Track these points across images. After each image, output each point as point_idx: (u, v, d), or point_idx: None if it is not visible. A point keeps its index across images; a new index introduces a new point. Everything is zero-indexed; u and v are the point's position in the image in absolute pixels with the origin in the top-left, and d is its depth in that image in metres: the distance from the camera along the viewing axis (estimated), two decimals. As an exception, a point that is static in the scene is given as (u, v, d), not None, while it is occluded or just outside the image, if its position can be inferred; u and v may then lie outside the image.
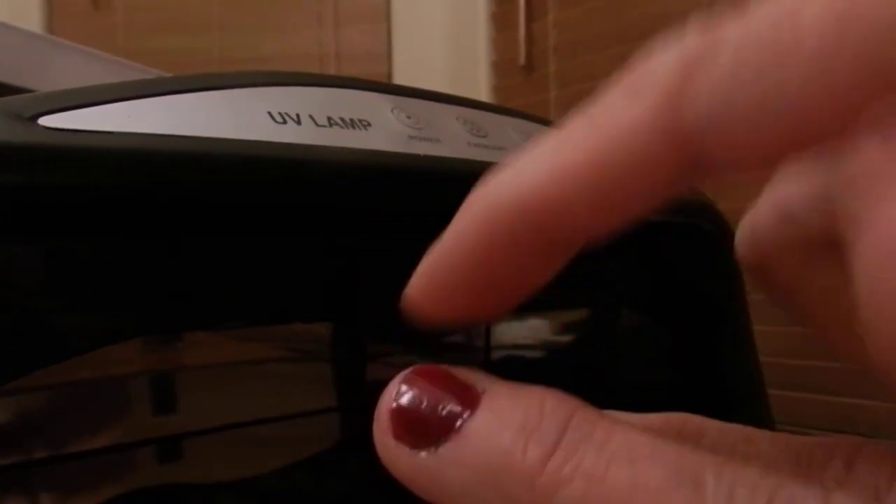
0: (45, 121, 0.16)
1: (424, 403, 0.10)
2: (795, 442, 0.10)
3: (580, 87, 1.19)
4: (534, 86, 1.26)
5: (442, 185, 0.23)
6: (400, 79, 1.30)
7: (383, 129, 0.22)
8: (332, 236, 0.25)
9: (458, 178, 0.24)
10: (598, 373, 0.47)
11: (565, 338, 0.47)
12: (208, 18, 1.31)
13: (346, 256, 0.26)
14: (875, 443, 0.09)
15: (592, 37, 1.17)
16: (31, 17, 1.29)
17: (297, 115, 0.21)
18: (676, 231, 0.37)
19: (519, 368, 0.45)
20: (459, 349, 0.43)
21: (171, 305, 0.21)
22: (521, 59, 1.27)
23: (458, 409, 0.10)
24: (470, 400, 0.10)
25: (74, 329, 0.19)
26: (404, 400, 0.10)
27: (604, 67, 1.15)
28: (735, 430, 0.11)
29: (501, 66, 1.32)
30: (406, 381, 0.10)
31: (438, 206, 0.25)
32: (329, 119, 0.21)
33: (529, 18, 1.27)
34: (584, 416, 0.10)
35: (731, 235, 0.42)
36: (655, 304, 0.41)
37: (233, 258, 0.22)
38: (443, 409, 0.10)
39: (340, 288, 0.26)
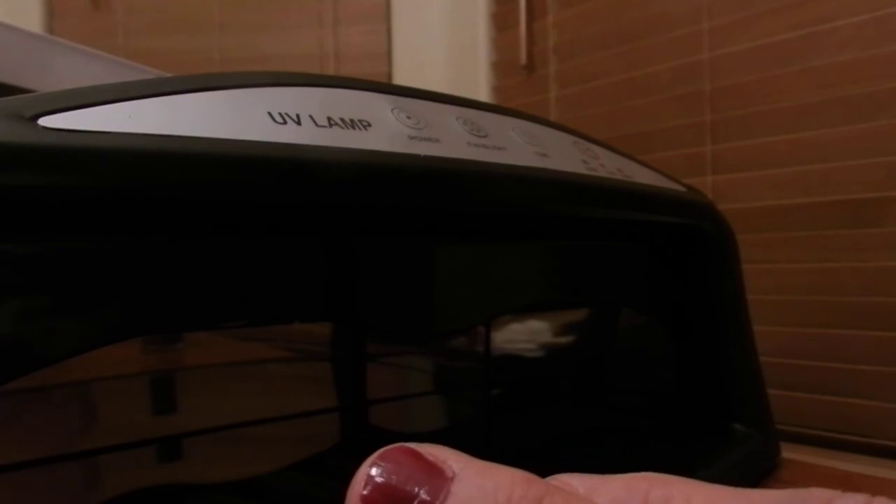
0: (45, 121, 0.16)
1: (393, 493, 0.10)
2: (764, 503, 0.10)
3: (580, 87, 1.19)
4: (534, 86, 1.26)
5: (442, 185, 0.23)
6: (400, 79, 1.30)
7: (383, 130, 0.22)
8: (331, 236, 0.25)
9: (458, 178, 0.24)
10: (597, 373, 0.46)
11: (565, 338, 0.47)
12: (208, 18, 1.31)
13: (346, 256, 0.26)
14: (846, 496, 0.09)
15: (592, 37, 1.17)
16: (31, 17, 1.29)
17: (297, 116, 0.21)
18: (677, 231, 0.38)
19: (519, 369, 0.45)
20: (460, 351, 0.43)
21: (170, 305, 0.21)
22: (522, 59, 1.27)
23: (427, 498, 0.10)
24: (440, 487, 0.10)
25: (74, 329, 0.19)
26: (373, 489, 0.10)
27: (604, 67, 1.15)
28: (700, 496, 0.11)
29: (501, 66, 1.32)
30: (375, 466, 0.10)
31: (438, 206, 0.25)
32: (329, 119, 0.21)
33: (530, 18, 1.27)
34: None
35: (732, 235, 0.42)
36: (655, 303, 0.41)
37: (233, 258, 0.22)
38: (412, 499, 0.10)
39: (340, 288, 0.26)
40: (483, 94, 1.32)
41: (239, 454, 0.31)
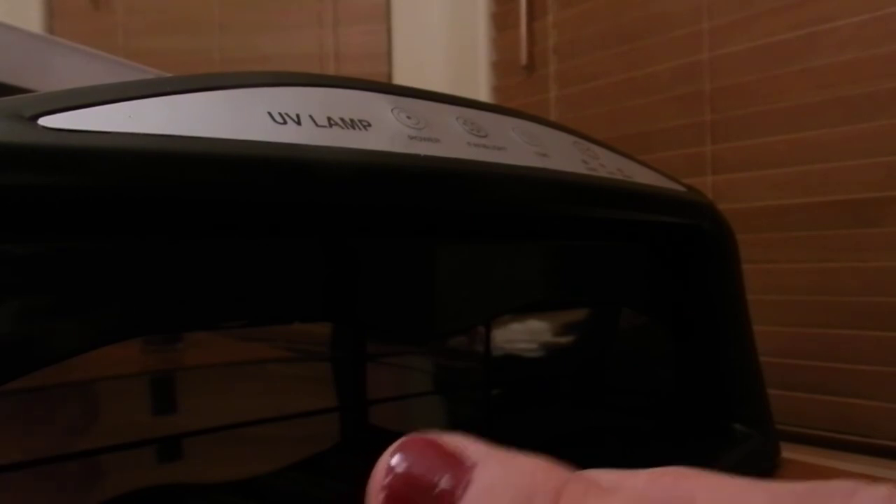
0: (45, 121, 0.16)
1: (415, 482, 0.10)
2: (789, 497, 0.10)
3: (580, 87, 1.19)
4: (534, 86, 1.26)
5: (442, 185, 0.23)
6: (400, 79, 1.30)
7: (383, 130, 0.22)
8: (331, 236, 0.25)
9: (458, 178, 0.24)
10: (597, 373, 0.46)
11: (565, 338, 0.47)
12: (208, 18, 1.31)
13: (346, 256, 0.26)
14: (870, 488, 0.09)
15: (592, 37, 1.17)
16: (31, 18, 1.29)
17: (297, 116, 0.21)
18: (677, 231, 0.38)
19: (519, 369, 0.45)
20: (460, 351, 0.43)
21: (170, 305, 0.21)
22: (523, 59, 1.27)
23: (449, 487, 0.10)
24: (461, 476, 0.10)
25: (74, 329, 0.19)
26: (395, 478, 0.10)
27: (604, 67, 1.15)
28: (726, 491, 0.11)
29: (501, 67, 1.32)
30: (396, 455, 0.10)
31: (438, 206, 0.25)
32: (329, 119, 0.21)
33: (530, 18, 1.27)
34: (573, 493, 0.10)
35: (732, 235, 0.41)
36: (655, 303, 0.41)
37: (232, 258, 0.22)
38: (434, 488, 0.10)
39: (340, 288, 0.26)
40: (483, 94, 1.32)
41: (239, 454, 0.31)
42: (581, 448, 0.39)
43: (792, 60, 0.93)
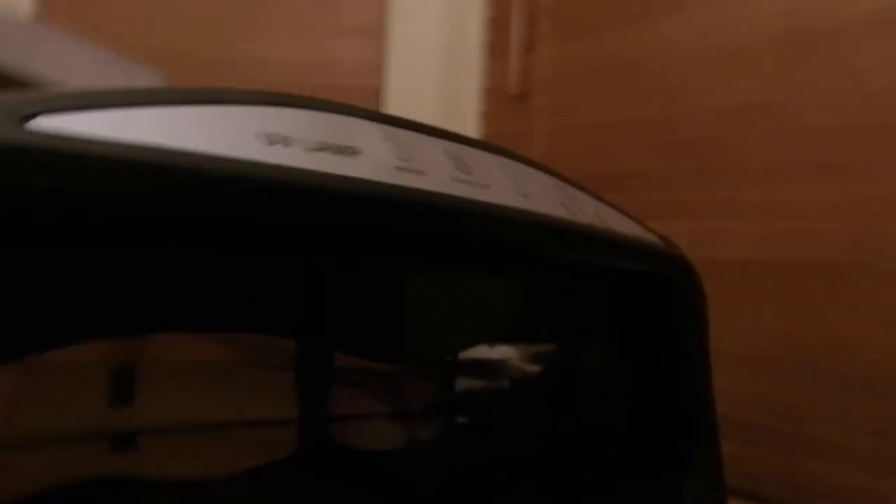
0: (34, 123, 0.16)
1: None
2: None
3: (567, 121, 1.20)
4: (523, 116, 1.28)
5: (423, 218, 0.24)
6: (392, 94, 1.31)
7: (371, 158, 0.23)
8: (305, 257, 0.25)
9: (439, 212, 0.24)
10: (563, 406, 0.47)
11: (532, 369, 0.48)
12: (206, 20, 1.31)
13: (318, 278, 0.26)
14: None
15: (583, 73, 1.19)
16: (24, 9, 1.28)
17: (287, 138, 0.21)
18: (646, 280, 0.38)
19: (484, 397, 0.45)
20: (426, 379, 0.43)
21: (146, 312, 0.21)
22: (514, 89, 1.28)
23: None
24: None
25: (47, 330, 0.18)
26: None
27: (592, 105, 1.17)
28: None
29: (492, 94, 1.34)
30: None
31: (415, 237, 0.25)
32: (318, 144, 0.22)
33: (522, 49, 1.29)
34: None
35: (700, 286, 0.42)
36: (622, 346, 0.41)
37: (209, 271, 0.22)
38: None
39: (310, 306, 0.26)
40: (472, 120, 1.33)
41: (192, 455, 0.31)
42: (542, 481, 0.40)
43: (775, 119, 0.96)
